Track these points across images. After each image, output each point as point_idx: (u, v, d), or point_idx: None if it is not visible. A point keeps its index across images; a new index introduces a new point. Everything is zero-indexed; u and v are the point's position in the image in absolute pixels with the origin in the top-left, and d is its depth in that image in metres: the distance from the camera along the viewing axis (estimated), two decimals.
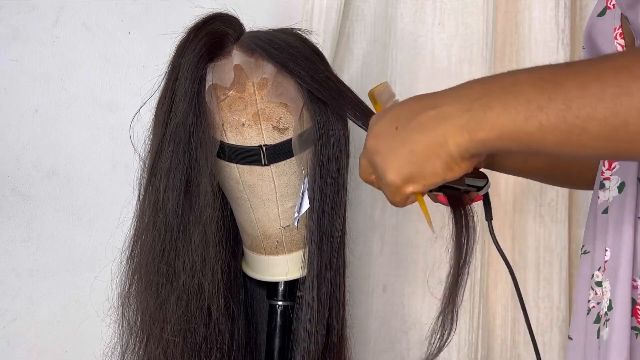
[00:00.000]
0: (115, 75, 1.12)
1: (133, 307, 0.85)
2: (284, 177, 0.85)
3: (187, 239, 0.81)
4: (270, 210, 0.87)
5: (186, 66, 0.80)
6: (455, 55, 1.16)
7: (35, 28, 1.08)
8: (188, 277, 0.81)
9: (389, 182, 0.62)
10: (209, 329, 0.84)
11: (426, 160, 0.59)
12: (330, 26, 1.08)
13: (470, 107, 0.56)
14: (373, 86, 0.73)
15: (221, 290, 0.84)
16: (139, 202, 0.85)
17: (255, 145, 0.83)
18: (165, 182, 0.80)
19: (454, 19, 1.16)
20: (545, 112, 0.52)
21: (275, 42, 0.82)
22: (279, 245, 0.89)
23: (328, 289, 0.85)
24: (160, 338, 0.82)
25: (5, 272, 1.08)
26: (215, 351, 0.85)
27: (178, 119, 0.80)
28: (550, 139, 0.53)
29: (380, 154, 0.62)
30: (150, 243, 0.81)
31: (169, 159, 0.80)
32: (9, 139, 1.07)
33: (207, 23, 0.84)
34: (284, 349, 0.91)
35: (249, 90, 0.82)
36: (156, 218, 0.81)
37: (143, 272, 0.83)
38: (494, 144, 0.56)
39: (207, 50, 0.82)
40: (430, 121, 0.58)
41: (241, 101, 0.82)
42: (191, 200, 0.81)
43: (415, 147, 0.59)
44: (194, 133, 0.79)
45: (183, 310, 0.81)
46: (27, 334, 1.09)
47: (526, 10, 1.17)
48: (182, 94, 0.80)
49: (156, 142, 0.82)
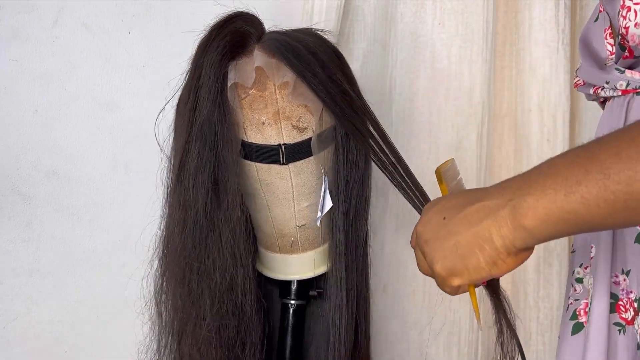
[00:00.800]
0: (115, 75, 1.11)
1: (166, 304, 0.86)
2: (301, 176, 0.85)
3: (217, 236, 0.81)
4: (287, 209, 0.87)
5: (209, 64, 0.80)
6: (455, 55, 1.16)
7: (35, 28, 1.08)
8: (220, 274, 0.81)
9: (436, 272, 0.61)
10: (242, 324, 0.84)
11: (470, 253, 0.58)
12: (330, 26, 1.08)
13: (512, 197, 0.55)
14: (440, 163, 0.71)
15: (253, 286, 0.85)
16: (167, 202, 0.85)
17: (275, 144, 0.83)
18: (193, 180, 0.80)
19: (454, 19, 1.15)
20: (584, 185, 0.51)
21: (296, 49, 0.82)
22: (294, 244, 0.89)
23: (354, 288, 0.86)
24: (195, 335, 0.82)
25: (5, 272, 1.08)
26: (249, 345, 0.86)
27: (203, 117, 0.79)
28: (597, 212, 0.51)
29: (429, 242, 0.62)
30: (181, 241, 0.82)
31: (196, 157, 0.80)
32: (9, 139, 1.07)
33: (229, 22, 0.84)
34: (296, 348, 0.92)
35: (269, 89, 0.82)
36: (186, 217, 0.81)
37: (175, 270, 0.83)
38: (540, 232, 0.54)
39: (229, 48, 0.82)
40: (475, 214, 0.58)
41: (262, 100, 0.82)
42: (219, 198, 0.81)
43: (460, 239, 0.59)
44: (219, 131, 0.80)
45: (217, 306, 0.82)
46: (27, 334, 1.09)
47: (526, 10, 1.17)
48: (205, 92, 0.80)
49: (182, 141, 0.82)
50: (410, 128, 1.16)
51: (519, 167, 1.18)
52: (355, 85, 0.86)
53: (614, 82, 0.66)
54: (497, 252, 0.57)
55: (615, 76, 0.66)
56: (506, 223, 0.55)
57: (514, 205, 0.55)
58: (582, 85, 0.73)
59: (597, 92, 0.70)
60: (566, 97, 1.15)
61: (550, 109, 1.16)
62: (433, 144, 1.17)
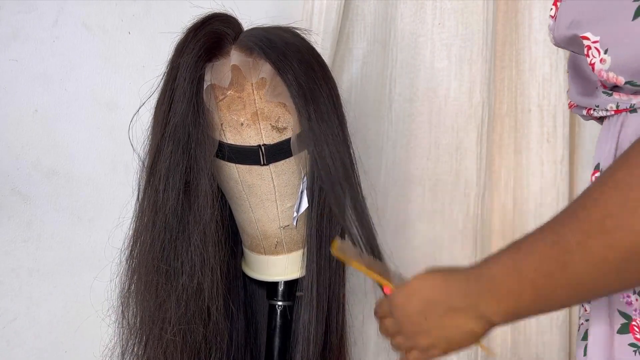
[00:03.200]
0: (115, 75, 1.12)
1: (133, 307, 0.85)
2: (283, 176, 0.85)
3: (186, 239, 0.81)
4: (270, 210, 0.86)
5: (185, 66, 0.80)
6: (455, 55, 1.16)
7: (35, 28, 1.08)
8: (187, 277, 0.81)
9: (419, 344, 0.69)
10: (208, 328, 0.84)
11: (458, 345, 0.67)
12: (330, 26, 1.08)
13: (477, 302, 0.62)
14: (333, 250, 0.77)
15: (221, 290, 0.84)
16: (138, 202, 0.85)
17: (254, 145, 0.83)
18: (164, 182, 0.80)
19: (454, 19, 1.15)
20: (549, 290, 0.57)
21: (272, 40, 0.82)
22: (279, 245, 0.89)
23: (327, 289, 0.85)
24: (160, 338, 0.81)
25: (5, 272, 1.08)
26: (215, 351, 0.85)
27: (177, 118, 0.79)
28: (565, 303, 0.60)
29: (414, 334, 0.69)
30: (150, 243, 0.81)
31: (168, 159, 0.80)
32: (9, 139, 1.07)
33: (206, 23, 0.84)
34: (284, 349, 0.91)
35: (247, 90, 0.82)
36: (155, 218, 0.81)
37: (142, 271, 0.82)
38: (517, 317, 0.62)
39: (205, 50, 0.81)
40: (452, 322, 0.65)
41: (240, 101, 0.82)
42: (190, 201, 0.81)
43: (448, 335, 0.66)
44: (192, 133, 0.79)
45: (183, 310, 0.81)
46: (27, 334, 1.09)
47: (526, 10, 1.17)
48: (180, 94, 0.79)
49: (155, 142, 0.82)
50: (410, 128, 1.16)
51: (519, 167, 1.18)
52: (333, 88, 0.86)
53: (603, 105, 0.66)
54: (480, 335, 0.65)
55: (604, 99, 0.65)
56: (481, 322, 0.63)
57: (483, 314, 0.62)
58: (575, 107, 0.73)
59: (590, 113, 0.70)
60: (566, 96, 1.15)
61: (550, 109, 1.16)
62: (433, 144, 1.16)
